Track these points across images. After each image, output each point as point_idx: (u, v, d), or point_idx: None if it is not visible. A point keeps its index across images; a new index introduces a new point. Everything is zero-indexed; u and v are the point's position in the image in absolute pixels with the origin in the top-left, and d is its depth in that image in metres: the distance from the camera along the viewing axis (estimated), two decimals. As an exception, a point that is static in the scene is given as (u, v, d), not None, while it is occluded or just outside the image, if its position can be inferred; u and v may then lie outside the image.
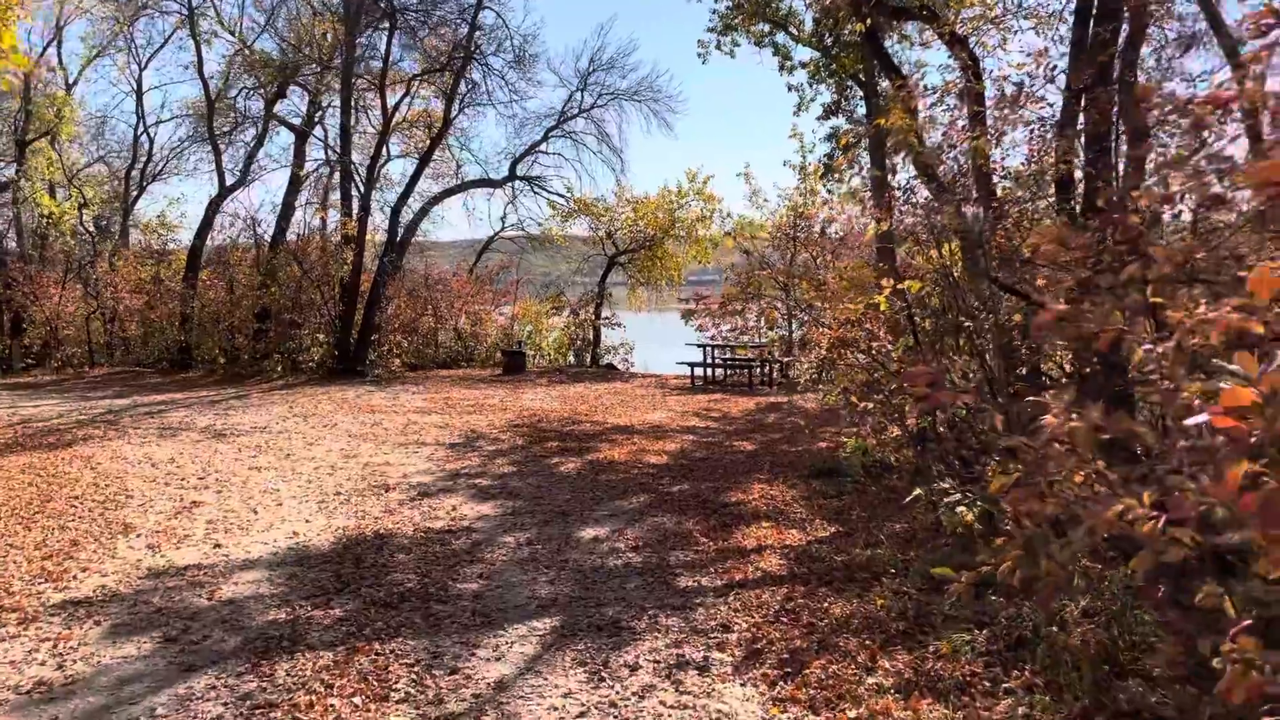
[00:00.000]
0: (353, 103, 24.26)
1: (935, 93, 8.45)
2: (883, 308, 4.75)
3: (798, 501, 8.28)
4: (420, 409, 14.67)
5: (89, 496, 8.31)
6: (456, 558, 6.38)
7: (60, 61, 28.53)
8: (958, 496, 4.65)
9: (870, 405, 6.90)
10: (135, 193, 28.29)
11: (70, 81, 28.66)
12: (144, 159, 28.62)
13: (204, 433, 12.22)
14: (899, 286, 4.50)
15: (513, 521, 7.43)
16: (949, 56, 10.79)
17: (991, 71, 10.93)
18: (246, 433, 12.23)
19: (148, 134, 28.53)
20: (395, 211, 22.65)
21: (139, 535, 6.97)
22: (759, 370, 18.25)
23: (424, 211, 24.47)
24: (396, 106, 23.09)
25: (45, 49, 27.75)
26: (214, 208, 24.47)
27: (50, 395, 17.30)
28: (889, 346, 6.06)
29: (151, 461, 10.08)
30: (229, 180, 24.88)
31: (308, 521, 7.40)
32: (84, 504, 8.02)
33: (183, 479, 9.15)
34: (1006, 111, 7.29)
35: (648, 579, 5.93)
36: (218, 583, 5.78)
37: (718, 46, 23.02)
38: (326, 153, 25.60)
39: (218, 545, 6.66)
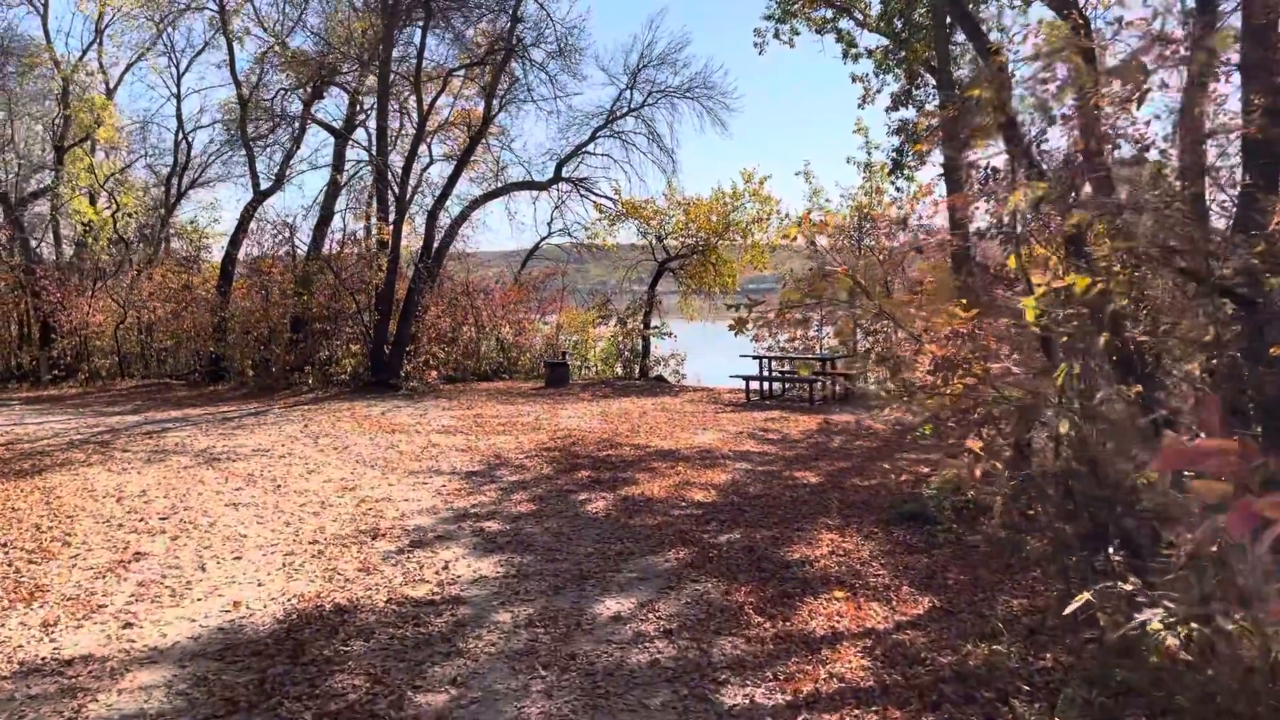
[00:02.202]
0: (390, 102, 23.19)
1: (1037, 59, 6.77)
2: (1029, 316, 3.13)
3: (877, 558, 6.61)
4: (446, 428, 13.24)
5: (18, 544, 6.96)
6: (430, 647, 4.84)
7: (101, 65, 27.93)
8: (1159, 615, 2.98)
9: (977, 445, 5.20)
10: (174, 199, 27.46)
11: (111, 86, 28.05)
12: (183, 165, 27.84)
13: (198, 457, 10.91)
14: (1059, 284, 2.92)
15: (515, 587, 5.87)
16: (1055, 16, 9.03)
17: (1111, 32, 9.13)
18: (244, 457, 10.89)
19: (186, 140, 27.73)
20: (432, 215, 21.36)
21: (44, 604, 5.57)
22: (822, 384, 16.50)
23: (464, 216, 23.13)
24: (433, 103, 21.80)
25: (85, 53, 27.18)
26: (248, 213, 23.48)
27: (64, 410, 16.29)
28: (1013, 369, 4.39)
29: (119, 495, 8.75)
30: (264, 185, 23.90)
31: (260, 585, 5.93)
32: (6, 555, 6.67)
33: (142, 518, 7.78)
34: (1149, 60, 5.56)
35: (680, 690, 4.31)
36: (97, 689, 4.31)
37: (775, 35, 21.39)
38: (371, 155, 24.50)
39: (129, 624, 5.19)
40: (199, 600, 5.61)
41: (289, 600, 5.58)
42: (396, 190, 20.39)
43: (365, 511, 8.04)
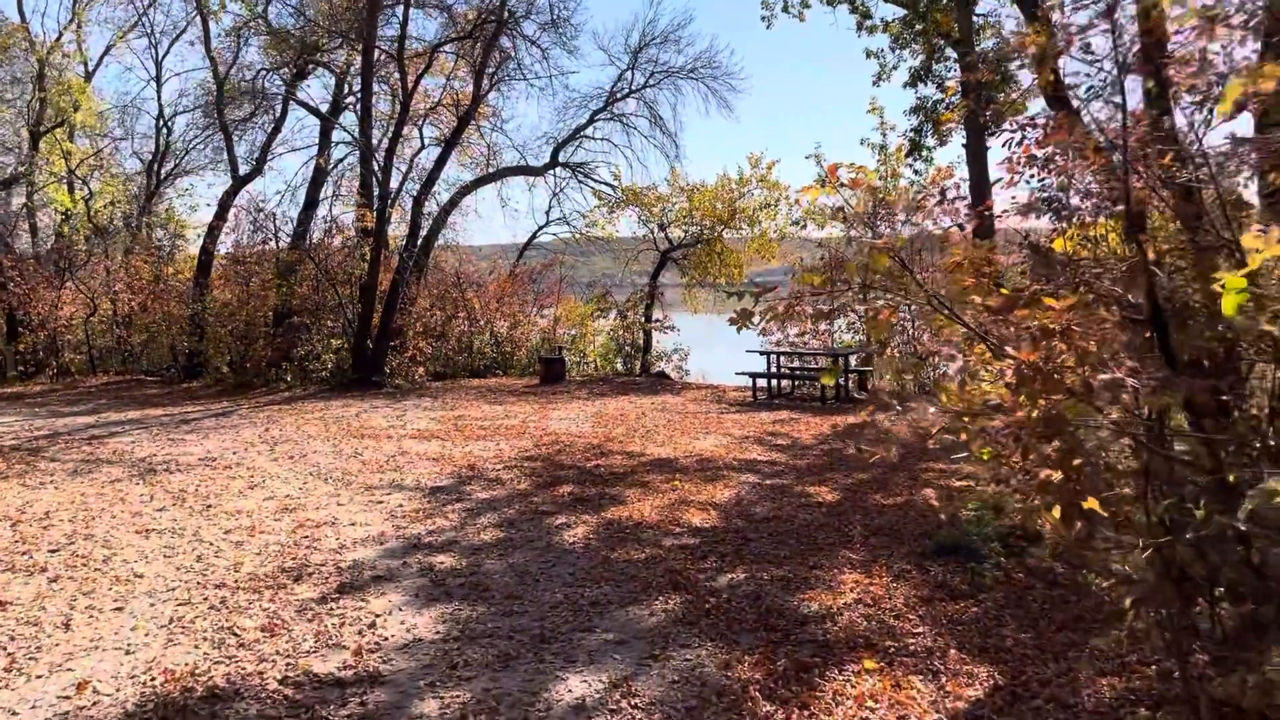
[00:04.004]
0: (381, 84, 21.94)
1: None
2: (1228, 307, 1.87)
3: (914, 608, 5.31)
4: (421, 432, 11.97)
5: None
6: (317, 760, 3.56)
7: (79, 47, 26.68)
8: None
9: (1053, 474, 3.89)
10: (153, 188, 26.15)
11: (90, 69, 26.83)
12: (163, 151, 26.55)
13: (133, 468, 9.65)
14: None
15: (455, 656, 4.57)
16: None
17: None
18: (185, 468, 9.63)
19: (166, 125, 26.44)
20: (418, 201, 20.03)
21: None
22: (836, 383, 15.19)
23: (453, 203, 21.82)
24: (418, 80, 20.43)
25: (61, 34, 25.89)
26: (227, 201, 22.18)
27: (18, 410, 15.05)
28: (1129, 381, 3.10)
29: (18, 518, 7.48)
30: (243, 170, 22.62)
31: (128, 653, 4.64)
32: None
33: (28, 551, 6.50)
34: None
35: (655, 844, 3.03)
36: None
37: (785, 8, 19.99)
38: (354, 138, 23.14)
39: (-77, 720, 3.94)
40: (38, 678, 4.33)
41: (154, 679, 4.29)
42: (380, 175, 19.08)
43: (299, 540, 6.76)
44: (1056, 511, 3.94)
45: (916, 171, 19.93)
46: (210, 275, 21.68)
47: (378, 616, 5.12)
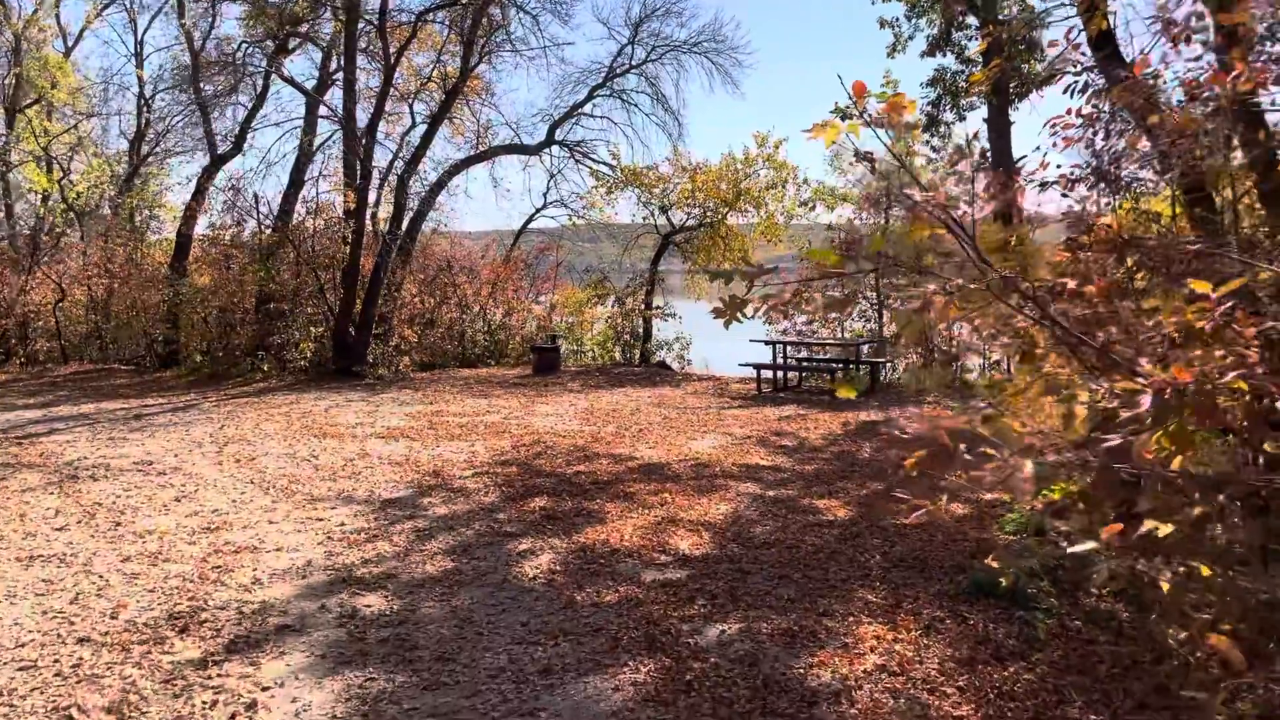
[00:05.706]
0: (368, 59, 20.75)
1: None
2: None
3: (950, 676, 4.17)
4: (391, 431, 10.84)
5: None
6: None
7: (58, 21, 25.56)
8: None
9: (1159, 527, 2.73)
10: (130, 169, 24.98)
11: (69, 44, 25.70)
12: (142, 131, 25.38)
13: (55, 473, 8.56)
14: None
15: (346, 758, 3.46)
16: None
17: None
18: (115, 473, 8.53)
19: (147, 103, 25.25)
20: (402, 181, 18.84)
21: None
22: (847, 373, 14.09)
23: (441, 182, 20.62)
24: (403, 50, 19.13)
25: (37, 10, 24.73)
26: (204, 181, 21.01)
27: (-33, 403, 14.00)
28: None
29: (-111, 539, 6.40)
30: (221, 149, 21.44)
31: (-85, 750, 3.55)
32: None
33: (-125, 587, 5.42)
34: None
35: None
36: None
37: (793, -26, 18.76)
38: (334, 113, 21.89)
39: None
40: None
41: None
42: (361, 152, 17.88)
43: (207, 572, 5.64)
44: (1164, 580, 2.79)
45: (935, 148, 18.69)
46: (187, 259, 20.59)
47: (264, 690, 3.99)
